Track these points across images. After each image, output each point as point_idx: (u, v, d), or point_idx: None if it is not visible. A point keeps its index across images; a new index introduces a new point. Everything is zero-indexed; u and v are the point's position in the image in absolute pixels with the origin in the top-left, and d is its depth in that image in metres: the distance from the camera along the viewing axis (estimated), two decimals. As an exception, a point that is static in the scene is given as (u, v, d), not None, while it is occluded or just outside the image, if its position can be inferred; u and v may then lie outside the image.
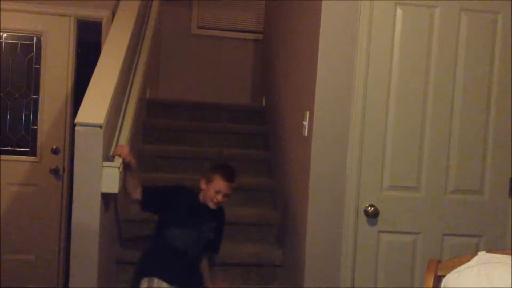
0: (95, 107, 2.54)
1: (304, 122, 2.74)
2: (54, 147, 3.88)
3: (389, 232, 2.66)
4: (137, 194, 2.64)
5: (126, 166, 2.60)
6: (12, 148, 3.94)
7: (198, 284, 2.73)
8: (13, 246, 3.88)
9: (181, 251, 2.65)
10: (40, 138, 3.89)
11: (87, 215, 2.50)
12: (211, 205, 2.65)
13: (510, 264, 1.51)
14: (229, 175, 2.65)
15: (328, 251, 2.64)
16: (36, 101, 3.92)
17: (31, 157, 3.91)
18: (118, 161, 2.61)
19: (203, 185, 2.67)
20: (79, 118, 2.46)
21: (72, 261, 2.55)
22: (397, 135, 2.63)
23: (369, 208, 2.62)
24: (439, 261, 1.68)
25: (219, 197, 2.62)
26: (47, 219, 3.90)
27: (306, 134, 2.72)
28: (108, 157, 2.59)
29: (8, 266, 3.87)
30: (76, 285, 2.53)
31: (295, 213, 2.97)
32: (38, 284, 3.90)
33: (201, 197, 2.69)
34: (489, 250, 1.61)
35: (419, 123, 2.64)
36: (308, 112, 2.70)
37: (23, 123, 3.95)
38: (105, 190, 2.51)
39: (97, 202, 2.50)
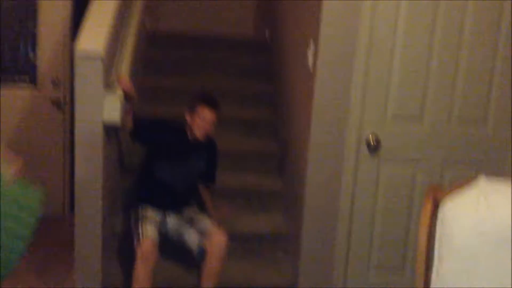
0: (94, 34, 2.49)
1: (308, 51, 2.69)
2: (55, 77, 3.83)
3: (389, 161, 2.68)
4: (128, 123, 2.67)
5: (126, 98, 2.59)
6: (12, 77, 3.87)
7: (195, 211, 2.82)
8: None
9: (169, 185, 2.73)
10: (40, 68, 3.83)
11: (90, 145, 2.51)
12: (199, 136, 2.67)
13: (510, 192, 1.52)
14: (211, 102, 2.68)
15: (328, 181, 2.67)
16: (33, 35, 3.82)
17: (32, 87, 3.85)
18: (119, 90, 2.59)
19: (188, 117, 2.69)
20: (78, 44, 2.42)
21: (77, 192, 2.59)
22: (404, 63, 2.59)
23: (371, 137, 2.63)
24: (438, 188, 1.68)
25: (206, 125, 2.64)
26: (51, 150, 3.92)
27: (310, 64, 2.68)
28: (108, 85, 2.57)
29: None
30: (81, 214, 2.59)
31: (296, 143, 2.98)
32: (44, 215, 3.96)
33: (188, 131, 2.71)
34: (489, 178, 1.62)
35: (426, 51, 2.59)
36: (312, 40, 2.64)
37: (22, 53, 3.88)
38: (106, 119, 2.50)
39: (99, 131, 2.51)
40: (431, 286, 1.55)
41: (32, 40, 3.83)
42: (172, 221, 2.75)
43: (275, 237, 3.14)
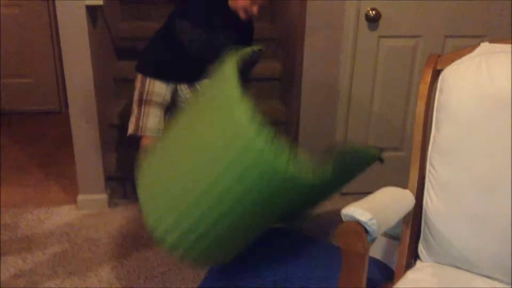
0: None
1: None
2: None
3: (390, 36, 2.57)
4: None
5: None
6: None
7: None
8: (10, 70, 3.85)
9: (190, 54, 2.24)
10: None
11: (75, 31, 2.41)
12: (241, 15, 2.13)
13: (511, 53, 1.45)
14: None
15: (326, 59, 2.58)
16: None
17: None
18: (98, -30, 2.41)
19: None
20: None
21: (68, 84, 2.53)
22: None
23: (370, 11, 2.49)
24: (439, 56, 1.61)
25: (254, 8, 2.08)
26: (39, 41, 3.79)
27: None
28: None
29: (8, 90, 3.89)
30: (75, 106, 2.55)
31: (293, 23, 2.85)
32: (40, 106, 3.96)
33: (230, 1, 2.14)
34: (492, 40, 1.53)
35: None
36: None
37: None
38: (89, 2, 2.37)
39: (82, 16, 2.39)
40: (428, 155, 1.53)
41: None
42: (183, 94, 2.35)
43: (275, 124, 3.11)
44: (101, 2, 2.40)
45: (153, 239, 1.73)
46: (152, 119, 2.29)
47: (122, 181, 2.82)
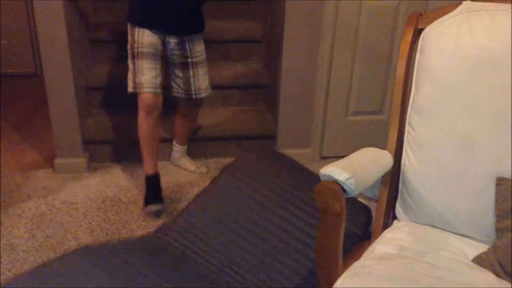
0: None
1: None
2: None
3: (371, -3, 2.53)
4: None
5: None
6: None
7: (199, 29, 2.38)
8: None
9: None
10: None
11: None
12: None
13: (493, 11, 1.43)
14: None
15: (307, 22, 2.53)
16: None
17: None
18: None
19: None
20: None
21: (42, 46, 2.45)
22: None
23: (352, -29, 2.44)
24: (420, 14, 1.58)
25: None
26: (13, 2, 3.65)
27: None
28: None
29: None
30: (50, 69, 2.48)
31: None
32: (16, 69, 3.85)
33: None
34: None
35: None
36: None
37: None
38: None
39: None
40: (407, 115, 1.53)
41: None
42: (173, 46, 2.30)
43: (255, 87, 3.08)
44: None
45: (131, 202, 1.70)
46: (147, 72, 2.23)
47: (100, 145, 2.77)
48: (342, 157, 1.37)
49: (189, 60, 2.34)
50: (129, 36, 2.25)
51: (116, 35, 3.06)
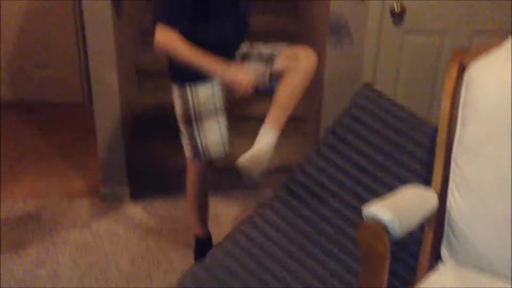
0: None
1: None
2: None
3: (415, 32, 2.52)
4: None
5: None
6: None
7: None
8: (35, 61, 3.90)
9: (220, 45, 1.89)
10: None
11: (99, 22, 2.42)
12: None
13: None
14: None
15: (349, 55, 2.54)
16: None
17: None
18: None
19: None
20: None
21: (92, 75, 2.54)
22: None
23: (395, 6, 2.45)
24: (465, 50, 1.56)
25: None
26: (63, 33, 3.82)
27: None
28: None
29: (32, 80, 3.94)
30: (99, 98, 2.56)
31: (313, 20, 2.81)
32: (64, 98, 4.00)
33: None
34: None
35: None
36: None
37: None
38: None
39: (107, 6, 2.40)
40: (452, 153, 1.50)
41: None
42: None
43: (295, 120, 3.07)
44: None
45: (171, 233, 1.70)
46: (211, 136, 1.95)
47: (144, 174, 2.83)
48: (385, 194, 1.35)
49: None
50: (177, 99, 1.96)
51: (163, 66, 3.14)
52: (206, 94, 1.92)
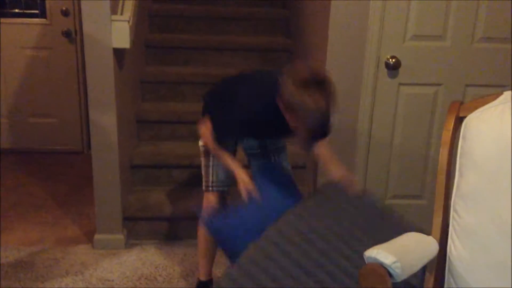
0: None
1: (323, -32, 2.54)
2: (64, 8, 3.75)
3: (410, 84, 2.59)
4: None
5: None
6: (21, 11, 3.81)
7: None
8: (35, 110, 3.95)
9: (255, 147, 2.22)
10: (49, 1, 3.75)
11: (101, 73, 2.47)
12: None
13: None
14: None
15: (345, 104, 2.59)
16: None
17: (42, 19, 3.79)
18: (127, 15, 2.51)
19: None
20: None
21: (91, 124, 2.57)
22: (424, -23, 2.44)
23: (390, 59, 2.53)
24: (461, 103, 1.61)
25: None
26: (65, 83, 3.90)
27: (325, -19, 2.54)
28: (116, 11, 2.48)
29: (33, 129, 3.98)
30: (97, 147, 2.58)
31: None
32: (63, 146, 4.02)
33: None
34: (515, 92, 1.53)
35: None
36: (327, -44, 2.49)
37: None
38: (115, 45, 2.44)
39: (109, 58, 2.46)
40: (451, 203, 1.51)
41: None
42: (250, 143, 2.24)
43: (293, 167, 3.09)
44: (127, 46, 2.47)
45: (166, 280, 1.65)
46: (222, 172, 2.11)
47: (139, 222, 2.81)
48: (384, 241, 1.35)
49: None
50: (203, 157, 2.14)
51: (161, 115, 3.20)
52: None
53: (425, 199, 2.75)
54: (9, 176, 3.58)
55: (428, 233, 1.54)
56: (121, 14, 2.52)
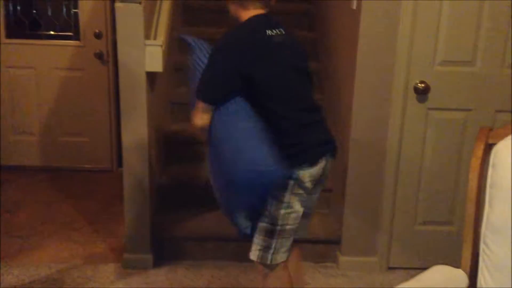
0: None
1: (352, -6, 2.57)
2: (97, 31, 3.86)
3: (439, 109, 2.58)
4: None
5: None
6: (56, 33, 3.95)
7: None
8: (67, 129, 4.05)
9: (309, 107, 1.90)
10: (82, 22, 3.87)
11: (134, 95, 2.54)
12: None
13: None
14: None
15: (374, 129, 2.60)
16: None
17: (75, 41, 3.91)
18: (160, 39, 2.57)
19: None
20: (118, -5, 2.40)
21: (124, 143, 2.63)
22: (454, 5, 2.44)
23: (419, 84, 2.53)
24: (490, 129, 1.60)
25: None
26: (97, 103, 4.00)
27: (355, 7, 2.56)
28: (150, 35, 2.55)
29: (64, 147, 4.08)
30: (128, 166, 2.63)
31: (340, 94, 2.90)
32: (93, 164, 4.11)
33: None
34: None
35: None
36: (356, -18, 2.52)
37: (65, 10, 3.91)
38: (149, 69, 2.51)
39: (142, 81, 2.52)
40: (481, 233, 1.49)
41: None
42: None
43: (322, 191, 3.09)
44: (160, 69, 2.53)
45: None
46: (283, 251, 1.87)
47: (167, 242, 2.84)
48: (411, 268, 1.33)
49: None
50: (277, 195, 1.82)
51: (188, 137, 3.25)
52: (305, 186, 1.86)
53: (455, 225, 2.71)
54: (41, 194, 3.67)
55: (458, 261, 1.52)
56: (155, 38, 2.60)
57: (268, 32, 1.80)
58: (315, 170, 1.81)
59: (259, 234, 1.85)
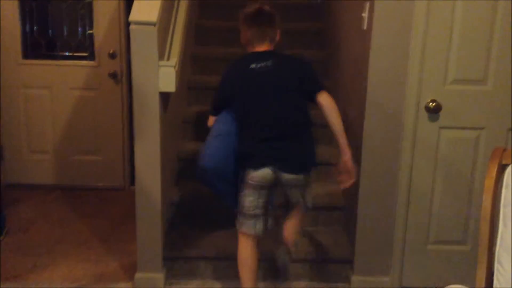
0: (147, 5, 2.51)
1: (363, 14, 2.60)
2: (111, 51, 3.93)
3: (451, 128, 2.58)
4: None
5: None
6: (71, 53, 4.03)
7: (311, 163, 2.44)
8: (80, 147, 4.11)
9: (273, 125, 2.29)
10: (97, 43, 3.94)
11: (147, 114, 2.56)
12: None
13: None
14: (254, 15, 2.38)
15: (385, 148, 2.60)
16: (90, 5, 3.93)
17: (90, 61, 3.98)
18: (173, 60, 2.62)
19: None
20: (132, 17, 2.45)
21: (136, 162, 2.65)
22: (465, 24, 2.45)
23: (430, 103, 2.53)
24: (504, 149, 1.60)
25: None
26: (110, 122, 4.05)
27: (365, 27, 2.59)
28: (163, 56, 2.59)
29: (77, 166, 4.12)
30: (141, 184, 2.66)
31: (351, 112, 2.91)
32: (106, 183, 4.14)
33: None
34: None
35: (489, 11, 2.43)
36: (368, 3, 2.54)
37: (80, 30, 4.00)
38: (162, 89, 2.54)
39: (155, 101, 2.55)
40: (495, 253, 1.48)
41: (89, 17, 3.94)
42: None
43: (331, 206, 3.10)
44: (173, 90, 2.57)
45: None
46: (247, 226, 2.33)
47: (178, 260, 2.85)
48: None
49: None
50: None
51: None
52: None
53: (468, 244, 2.69)
54: (54, 212, 3.70)
55: (471, 280, 1.51)
56: (168, 59, 2.64)
57: (253, 65, 2.29)
58: (261, 173, 2.25)
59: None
